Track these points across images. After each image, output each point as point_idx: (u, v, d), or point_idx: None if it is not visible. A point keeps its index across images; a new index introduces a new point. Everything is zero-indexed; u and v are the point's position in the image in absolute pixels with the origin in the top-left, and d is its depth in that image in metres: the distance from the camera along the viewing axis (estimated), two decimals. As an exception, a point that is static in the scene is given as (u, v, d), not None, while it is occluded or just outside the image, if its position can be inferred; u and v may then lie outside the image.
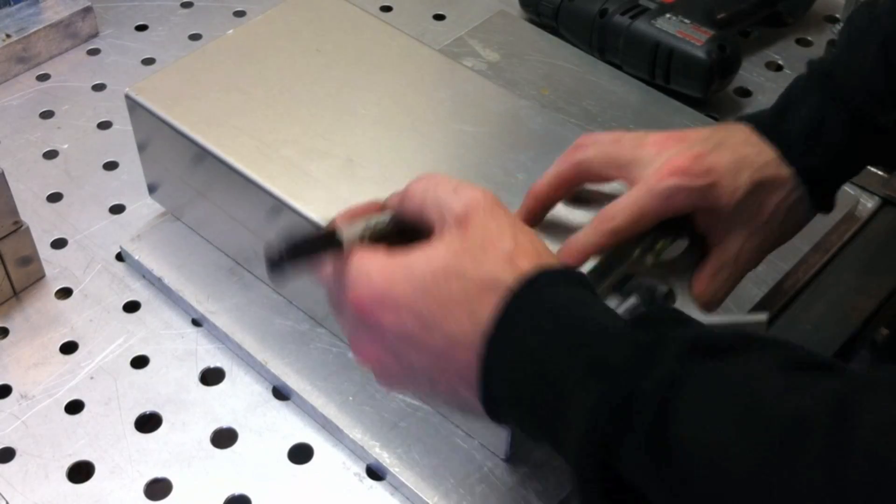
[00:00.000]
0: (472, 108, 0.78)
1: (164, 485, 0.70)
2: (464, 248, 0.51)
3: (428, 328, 0.51)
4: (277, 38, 0.83)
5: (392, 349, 0.53)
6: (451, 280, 0.51)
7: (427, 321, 0.51)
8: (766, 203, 0.63)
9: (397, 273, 0.52)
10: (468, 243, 0.51)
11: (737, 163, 0.62)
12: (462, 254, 0.51)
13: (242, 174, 0.73)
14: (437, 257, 0.51)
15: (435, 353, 0.51)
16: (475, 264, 0.51)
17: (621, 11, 0.97)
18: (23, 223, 0.79)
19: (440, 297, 0.51)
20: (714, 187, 0.61)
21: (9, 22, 1.00)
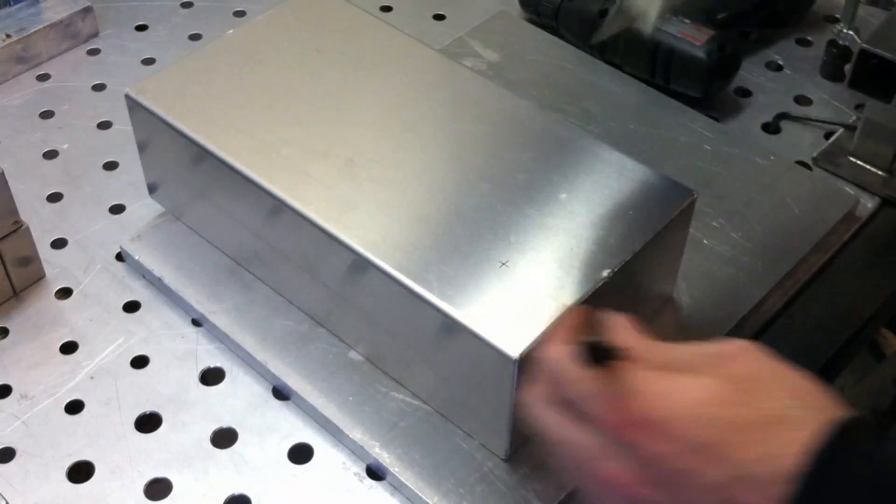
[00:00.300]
0: (472, 108, 0.78)
1: (164, 485, 0.70)
2: (735, 372, 0.46)
3: (709, 460, 0.44)
4: (277, 38, 0.83)
5: (659, 480, 0.46)
6: (731, 405, 0.45)
7: (707, 451, 0.44)
8: None
9: (674, 397, 0.46)
10: (751, 356, 0.48)
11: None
12: (738, 379, 0.46)
13: (242, 174, 0.73)
14: (716, 380, 0.45)
15: (715, 489, 0.44)
16: (765, 374, 0.46)
17: (621, 11, 0.97)
18: (23, 223, 0.79)
19: (718, 427, 0.44)
20: None
21: (9, 22, 1.00)
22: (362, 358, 0.75)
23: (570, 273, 0.67)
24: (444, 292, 0.65)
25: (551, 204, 0.71)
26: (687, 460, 0.45)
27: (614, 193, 0.72)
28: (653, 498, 0.46)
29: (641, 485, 0.46)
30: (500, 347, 0.63)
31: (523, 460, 0.70)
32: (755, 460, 0.43)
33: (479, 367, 0.65)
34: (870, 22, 1.03)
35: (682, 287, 0.80)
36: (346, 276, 0.71)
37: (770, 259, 0.82)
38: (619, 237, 0.69)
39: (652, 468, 0.46)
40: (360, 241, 0.68)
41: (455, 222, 0.70)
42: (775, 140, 0.95)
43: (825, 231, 0.85)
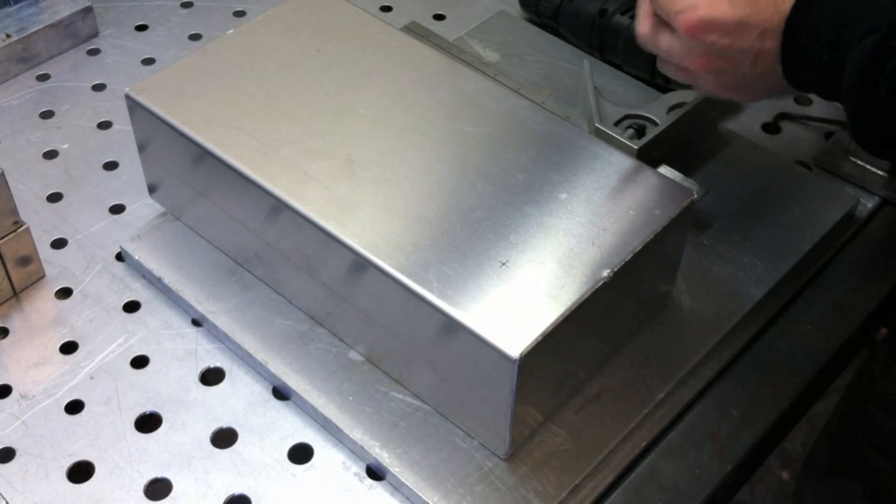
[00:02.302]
0: (472, 108, 0.78)
1: (164, 485, 0.70)
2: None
3: (741, 31, 0.66)
4: (277, 38, 0.83)
5: (721, 55, 0.67)
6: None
7: (743, 26, 0.66)
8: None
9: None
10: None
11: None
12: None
13: (242, 174, 0.73)
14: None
15: (751, 49, 0.67)
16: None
17: (621, 11, 0.97)
18: (23, 223, 0.79)
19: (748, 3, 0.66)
20: None
21: (9, 22, 1.00)
22: (362, 358, 0.75)
23: (570, 273, 0.67)
24: (443, 292, 0.65)
25: (551, 204, 0.71)
26: (731, 39, 0.66)
27: (614, 193, 0.72)
28: (718, 66, 0.68)
29: (712, 62, 0.68)
30: (500, 347, 0.63)
31: (523, 460, 0.70)
32: (770, 17, 0.65)
33: (479, 367, 0.65)
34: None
35: (682, 287, 0.80)
36: (346, 276, 0.71)
37: (770, 259, 0.82)
38: (619, 237, 0.69)
39: (714, 50, 0.67)
40: (360, 241, 0.68)
41: (455, 222, 0.70)
42: (775, 140, 0.95)
43: (825, 231, 0.85)
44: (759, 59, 0.67)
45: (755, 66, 0.68)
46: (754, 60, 0.67)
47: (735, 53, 0.67)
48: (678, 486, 0.70)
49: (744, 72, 0.68)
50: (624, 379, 0.74)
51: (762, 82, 0.69)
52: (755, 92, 0.72)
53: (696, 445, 0.72)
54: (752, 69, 0.68)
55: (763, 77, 0.68)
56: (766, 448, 0.76)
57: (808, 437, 1.57)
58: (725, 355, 0.77)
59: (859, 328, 0.81)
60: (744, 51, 0.67)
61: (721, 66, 0.69)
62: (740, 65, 0.68)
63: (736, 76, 0.69)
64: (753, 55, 0.67)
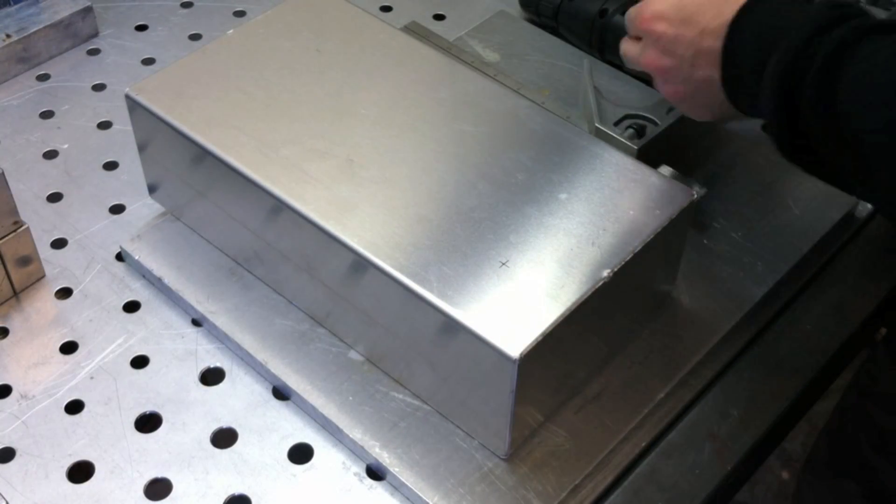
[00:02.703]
0: (472, 108, 0.78)
1: (164, 485, 0.70)
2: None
3: (687, 25, 0.70)
4: (277, 38, 0.83)
5: (667, 50, 0.72)
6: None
7: (687, 21, 0.70)
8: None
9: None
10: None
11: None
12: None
13: (242, 174, 0.73)
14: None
15: (692, 44, 0.70)
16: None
17: (621, 11, 0.96)
18: (23, 223, 0.79)
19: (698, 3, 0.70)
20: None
21: (9, 22, 1.00)
22: (362, 358, 0.75)
23: (570, 273, 0.67)
24: (443, 292, 0.65)
25: (551, 204, 0.71)
26: (676, 30, 0.71)
27: (614, 193, 0.72)
28: (665, 64, 0.73)
29: (662, 58, 0.73)
30: (500, 347, 0.63)
31: (523, 460, 0.70)
32: (713, 18, 0.68)
33: (479, 367, 0.65)
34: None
35: (682, 287, 0.80)
36: (346, 276, 0.71)
37: (770, 259, 0.82)
38: (619, 237, 0.69)
39: (661, 43, 0.72)
40: (360, 240, 0.68)
41: (455, 222, 0.70)
42: (775, 140, 0.95)
43: (825, 231, 0.85)
44: (700, 59, 0.70)
45: (696, 68, 0.70)
46: (694, 60, 0.70)
47: (678, 47, 0.71)
48: (678, 486, 0.70)
49: (686, 75, 0.71)
50: (624, 379, 0.74)
51: (705, 93, 0.72)
52: (702, 105, 0.74)
53: (696, 445, 0.73)
54: (693, 71, 0.71)
55: (705, 86, 0.71)
56: (766, 448, 0.76)
57: (808, 437, 1.57)
58: (725, 355, 0.77)
59: (859, 328, 0.82)
60: (685, 44, 0.70)
61: (667, 64, 0.72)
62: (683, 64, 0.71)
63: (680, 79, 0.72)
64: (693, 53, 0.70)
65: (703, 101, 0.73)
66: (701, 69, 0.70)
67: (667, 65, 0.73)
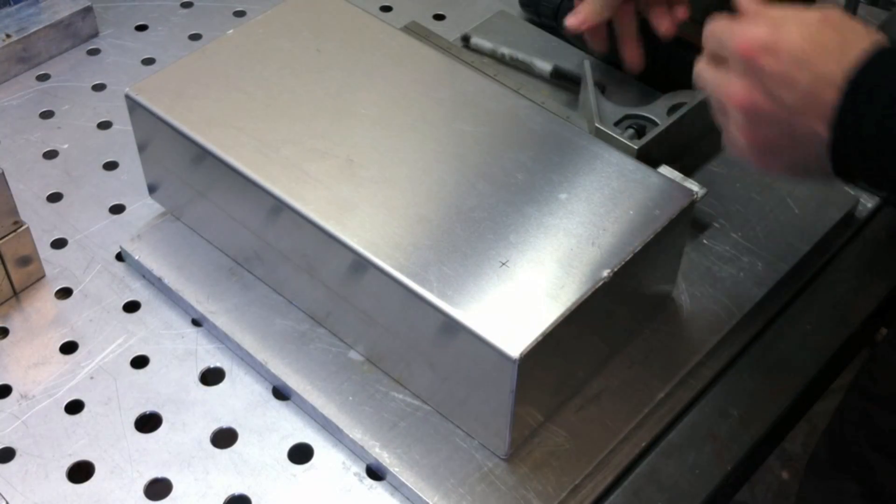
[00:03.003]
0: (472, 108, 0.78)
1: (164, 485, 0.70)
2: (829, 19, 0.60)
3: (801, 67, 0.58)
4: (277, 38, 0.83)
5: (767, 89, 0.60)
6: (828, 30, 0.59)
7: (802, 61, 0.59)
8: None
9: (786, 20, 0.60)
10: (834, 18, 0.60)
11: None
12: (833, 15, 0.60)
13: (242, 174, 0.73)
14: (813, 14, 0.60)
15: (803, 91, 0.59)
16: (846, 21, 0.60)
17: (621, 11, 0.97)
18: (23, 223, 0.79)
19: (816, 42, 0.59)
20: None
21: (9, 22, 1.00)
22: (362, 358, 0.75)
23: (570, 273, 0.67)
24: (443, 292, 0.65)
25: (551, 204, 0.71)
26: (787, 67, 0.59)
27: (614, 193, 0.72)
28: (761, 105, 0.61)
29: (758, 96, 0.60)
30: (500, 347, 0.63)
31: (523, 460, 0.70)
32: (835, 63, 0.58)
33: (479, 367, 0.65)
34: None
35: (682, 287, 0.80)
36: (346, 276, 0.71)
37: (770, 259, 0.82)
38: (619, 237, 0.69)
39: (763, 80, 0.60)
40: (360, 240, 0.68)
41: (455, 222, 0.70)
42: (775, 140, 0.95)
43: (825, 231, 0.85)
44: (810, 110, 0.59)
45: (800, 118, 0.59)
46: (802, 109, 0.59)
47: (784, 91, 0.59)
48: (678, 486, 0.70)
49: (784, 124, 0.60)
50: (624, 379, 0.74)
51: (802, 149, 0.61)
52: (791, 162, 0.63)
53: (696, 445, 0.73)
54: (795, 120, 0.60)
55: (805, 140, 0.60)
56: (766, 448, 0.76)
57: (808, 437, 1.57)
58: (725, 355, 0.77)
59: (859, 328, 0.82)
60: (795, 89, 0.59)
61: (763, 106, 0.60)
62: (784, 111, 0.60)
63: (774, 127, 0.61)
64: (802, 101, 0.59)
65: (795, 158, 0.62)
66: (807, 121, 0.59)
67: (763, 107, 0.60)
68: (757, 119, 0.61)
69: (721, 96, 0.63)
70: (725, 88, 0.63)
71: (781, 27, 0.60)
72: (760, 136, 0.62)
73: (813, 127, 0.59)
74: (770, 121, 0.61)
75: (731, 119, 0.64)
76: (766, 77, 0.60)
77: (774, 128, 0.61)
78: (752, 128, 0.62)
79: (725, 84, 0.63)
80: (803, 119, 0.59)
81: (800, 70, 0.58)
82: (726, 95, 0.63)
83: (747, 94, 0.61)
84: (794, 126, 0.60)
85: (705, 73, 0.66)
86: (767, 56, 0.59)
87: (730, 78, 0.62)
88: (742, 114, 0.62)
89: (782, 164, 0.63)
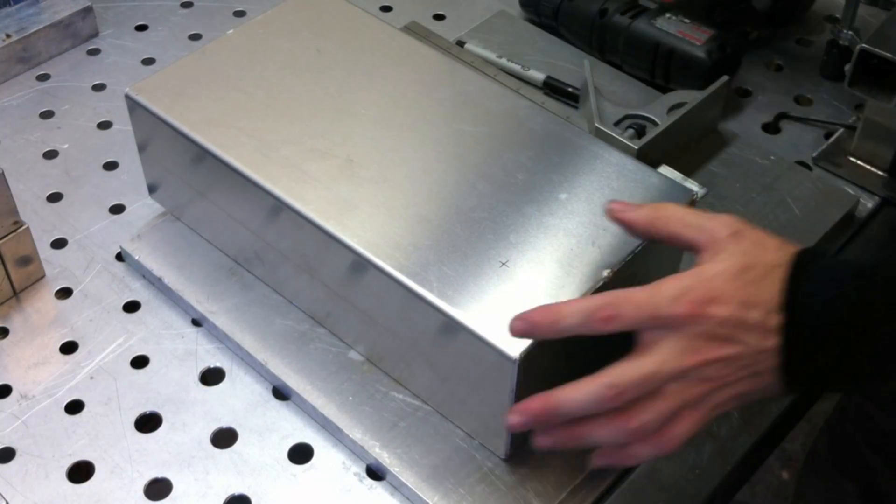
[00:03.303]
0: (472, 108, 0.78)
1: (164, 485, 0.70)
2: (747, 249, 0.61)
3: (747, 307, 0.59)
4: (277, 38, 0.83)
5: (729, 337, 0.60)
6: (750, 271, 0.60)
7: (746, 302, 0.60)
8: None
9: (711, 276, 0.61)
10: (749, 245, 0.62)
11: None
12: (749, 252, 0.61)
13: (242, 174, 0.73)
14: (732, 259, 0.61)
15: (754, 327, 0.59)
16: (762, 255, 0.61)
17: (621, 11, 0.97)
18: (23, 223, 0.79)
19: (750, 281, 0.60)
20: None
21: (9, 22, 1.00)
22: (362, 358, 0.75)
23: (570, 273, 0.67)
24: (443, 292, 0.65)
25: (551, 204, 0.71)
26: (736, 312, 0.59)
27: (614, 193, 0.72)
28: (727, 353, 0.60)
29: (719, 349, 0.60)
30: (500, 347, 0.63)
31: (523, 460, 0.70)
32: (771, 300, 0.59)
33: (479, 367, 0.65)
34: (870, 22, 1.03)
35: (682, 287, 0.80)
36: (346, 276, 0.71)
37: (770, 259, 0.82)
38: (619, 237, 0.69)
39: (720, 329, 0.60)
40: (360, 241, 0.68)
41: (455, 222, 0.70)
42: (775, 140, 0.95)
43: (825, 231, 0.85)
44: (768, 338, 0.59)
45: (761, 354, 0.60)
46: (761, 341, 0.60)
47: (741, 332, 0.59)
48: (678, 486, 0.70)
49: (749, 360, 0.60)
50: (624, 379, 0.74)
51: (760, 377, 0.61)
52: (748, 391, 0.62)
53: (696, 445, 0.72)
54: (759, 356, 0.60)
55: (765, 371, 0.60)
56: (766, 448, 0.76)
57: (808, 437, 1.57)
58: (725, 355, 0.77)
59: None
60: (750, 325, 0.59)
61: (730, 353, 0.60)
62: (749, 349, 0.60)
63: (743, 369, 0.60)
64: (761, 334, 0.59)
65: (753, 386, 0.61)
66: (767, 350, 0.59)
67: (730, 353, 0.60)
68: (725, 373, 0.60)
69: (680, 370, 0.60)
70: (687, 359, 0.60)
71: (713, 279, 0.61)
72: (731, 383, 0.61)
73: (759, 359, 0.60)
74: (737, 364, 0.60)
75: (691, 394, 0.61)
76: (724, 324, 0.59)
77: (744, 369, 0.60)
78: (722, 388, 0.61)
79: (683, 355, 0.60)
80: (764, 355, 0.60)
81: (747, 307, 0.59)
82: (689, 364, 0.60)
83: (712, 350, 0.60)
84: (758, 360, 0.60)
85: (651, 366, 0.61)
86: (717, 305, 0.59)
87: (680, 345, 0.60)
88: (713, 373, 0.60)
89: (744, 397, 0.62)
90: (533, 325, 0.61)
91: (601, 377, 0.60)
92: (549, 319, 0.60)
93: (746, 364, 0.60)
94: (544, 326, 0.61)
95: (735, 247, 0.62)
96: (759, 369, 0.60)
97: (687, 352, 0.60)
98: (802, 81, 1.01)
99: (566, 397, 0.60)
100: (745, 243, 0.62)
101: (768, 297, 0.59)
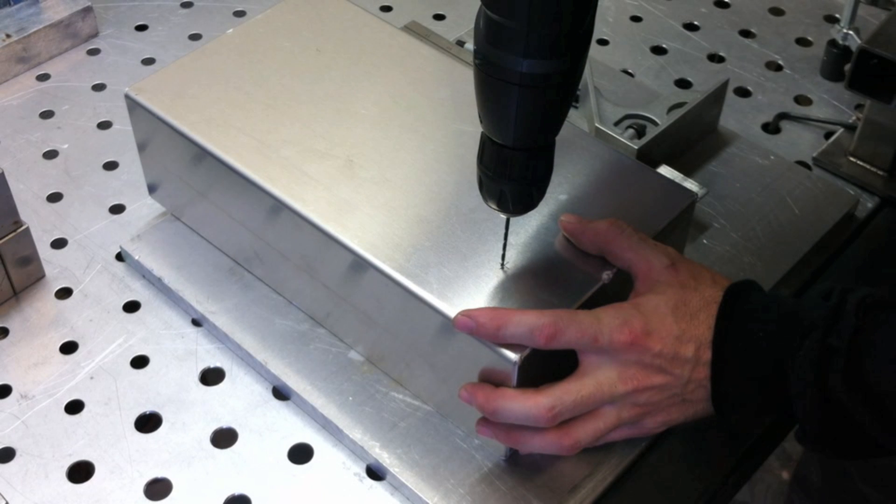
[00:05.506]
0: (472, 107, 0.78)
1: (164, 485, 0.70)
2: (684, 281, 0.66)
3: (681, 341, 0.64)
4: (277, 37, 0.83)
5: (662, 368, 0.64)
6: (685, 306, 0.65)
7: (680, 336, 0.64)
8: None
9: (651, 309, 0.64)
10: (686, 278, 0.66)
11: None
12: (686, 284, 0.66)
13: (242, 174, 0.73)
14: (669, 291, 0.65)
15: (686, 360, 0.64)
16: (696, 289, 0.66)
17: (621, 11, 0.97)
18: (23, 223, 0.79)
19: (684, 316, 0.65)
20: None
21: (9, 22, 1.00)
22: (362, 358, 0.75)
23: (570, 275, 0.67)
24: (443, 293, 0.65)
25: (551, 204, 0.71)
26: (672, 345, 0.64)
27: (614, 193, 0.72)
28: (659, 382, 0.65)
29: (653, 377, 0.64)
30: (500, 349, 0.63)
31: (523, 460, 0.70)
32: (702, 332, 0.64)
33: (479, 367, 0.65)
34: (870, 22, 1.03)
35: (681, 287, 0.80)
36: (346, 276, 0.71)
37: (770, 259, 0.82)
38: (618, 237, 0.69)
39: (658, 359, 0.64)
40: (360, 242, 0.68)
41: (455, 223, 0.70)
42: (775, 140, 0.95)
43: (825, 231, 0.85)
44: (698, 369, 0.64)
45: (690, 383, 0.65)
46: (692, 372, 0.65)
47: (675, 365, 0.64)
48: (678, 486, 0.70)
49: (681, 388, 0.65)
50: (624, 379, 0.74)
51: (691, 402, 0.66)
52: (676, 415, 0.67)
53: (696, 445, 0.72)
54: (688, 386, 0.65)
55: (694, 398, 0.66)
56: (766, 448, 0.76)
57: (807, 437, 1.57)
58: (725, 355, 0.77)
59: (859, 328, 0.81)
60: (683, 360, 0.64)
61: (661, 382, 0.65)
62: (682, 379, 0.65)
63: (676, 395, 0.66)
64: (693, 366, 0.64)
65: (684, 412, 0.67)
66: (698, 381, 0.65)
67: (662, 382, 0.65)
68: (660, 398, 0.66)
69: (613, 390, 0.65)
70: (621, 386, 0.65)
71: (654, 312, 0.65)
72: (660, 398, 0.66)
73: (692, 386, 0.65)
74: (670, 391, 0.65)
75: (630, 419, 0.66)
76: (653, 355, 0.64)
77: (677, 396, 0.66)
78: (656, 412, 0.66)
79: (617, 382, 0.65)
80: (694, 385, 0.65)
81: (680, 342, 0.64)
82: (628, 390, 0.65)
83: (644, 378, 0.65)
84: (688, 389, 0.65)
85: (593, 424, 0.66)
86: (653, 339, 0.64)
87: (616, 370, 0.65)
88: (648, 399, 0.65)
89: (670, 419, 0.67)
90: (477, 324, 0.63)
91: (542, 396, 0.64)
92: (494, 324, 0.63)
93: (677, 393, 0.65)
94: (487, 329, 0.63)
95: (672, 278, 0.66)
96: (689, 398, 0.65)
97: (623, 378, 0.64)
98: (802, 81, 1.01)
99: (504, 406, 0.64)
100: (682, 276, 0.66)
101: (700, 333, 0.64)
